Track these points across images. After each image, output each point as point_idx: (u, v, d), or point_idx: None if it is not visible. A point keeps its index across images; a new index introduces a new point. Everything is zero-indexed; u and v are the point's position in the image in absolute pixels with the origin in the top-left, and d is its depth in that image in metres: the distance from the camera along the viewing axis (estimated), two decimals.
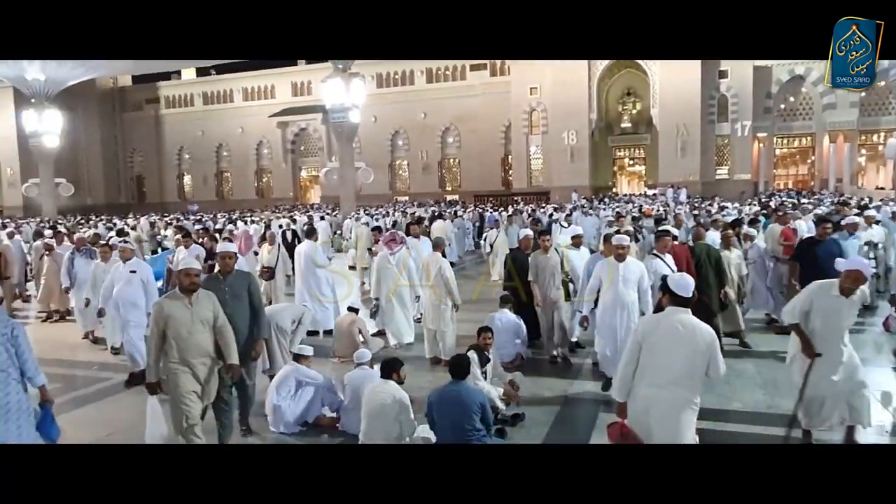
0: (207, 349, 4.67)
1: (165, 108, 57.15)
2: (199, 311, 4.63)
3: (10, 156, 50.42)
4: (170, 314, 4.56)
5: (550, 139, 42.72)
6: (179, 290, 4.67)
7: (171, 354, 4.59)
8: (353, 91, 28.10)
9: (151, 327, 4.64)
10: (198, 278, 4.71)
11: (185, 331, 4.56)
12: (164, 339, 4.57)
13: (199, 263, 4.71)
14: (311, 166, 53.72)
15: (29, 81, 33.32)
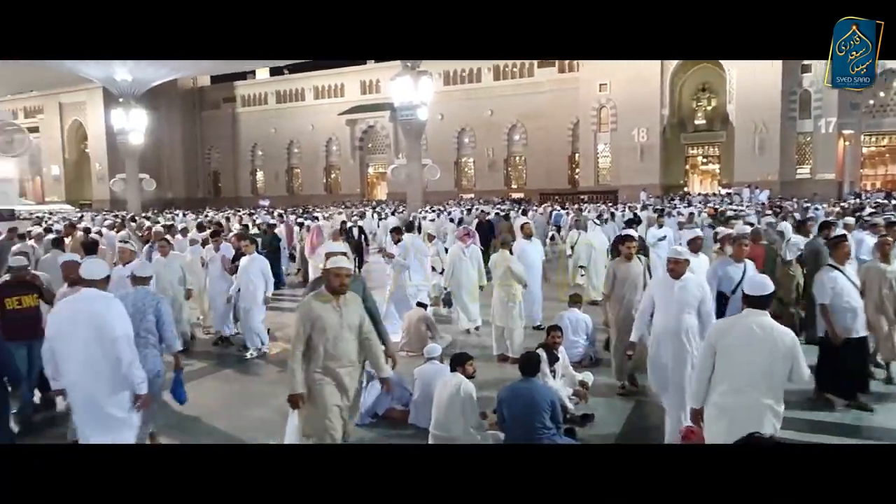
0: (354, 357, 4.28)
1: (241, 106, 59.30)
2: (347, 316, 4.22)
3: (99, 152, 53.66)
4: (318, 316, 4.13)
5: (619, 136, 41.80)
6: (327, 290, 4.22)
7: (315, 362, 4.16)
8: (421, 89, 28.36)
9: (296, 330, 4.17)
10: (348, 278, 4.22)
11: (334, 336, 4.14)
12: (308, 344, 4.15)
13: (350, 262, 4.27)
14: (379, 163, 54.56)
15: (118, 82, 35.29)
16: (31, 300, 5.99)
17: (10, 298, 5.84)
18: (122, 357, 4.10)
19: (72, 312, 4.17)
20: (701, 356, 3.96)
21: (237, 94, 59.30)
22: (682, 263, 5.03)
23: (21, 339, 5.74)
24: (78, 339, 4.07)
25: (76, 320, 4.11)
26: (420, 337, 7.74)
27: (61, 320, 4.17)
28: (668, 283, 5.05)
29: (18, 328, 5.76)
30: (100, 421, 4.14)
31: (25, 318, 5.87)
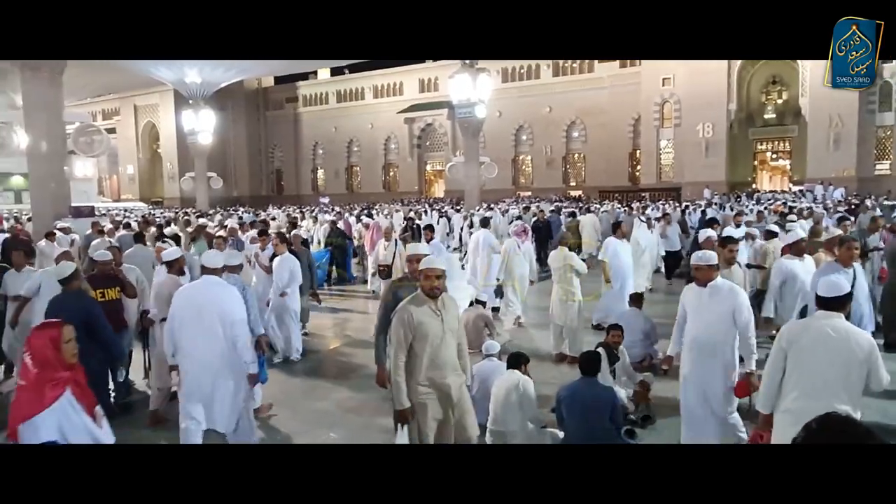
0: (456, 366, 3.99)
1: (303, 106, 60.74)
2: (448, 320, 3.93)
3: (170, 152, 56.02)
4: (419, 322, 3.83)
5: (683, 132, 40.58)
6: (424, 294, 3.90)
7: (417, 374, 3.87)
8: (479, 86, 28.32)
9: (396, 339, 3.85)
10: (439, 280, 3.90)
11: (436, 343, 3.86)
12: (409, 353, 3.87)
13: (443, 262, 4.02)
14: (436, 161, 54.84)
15: (188, 84, 36.74)
16: (114, 293, 6.17)
17: (94, 291, 6.00)
18: (238, 338, 4.55)
19: (195, 296, 4.64)
20: (770, 360, 3.81)
21: (299, 94, 60.74)
22: (703, 269, 4.54)
23: None
24: (200, 320, 4.51)
25: (199, 304, 4.57)
26: (478, 334, 7.75)
27: (185, 303, 4.62)
28: (696, 291, 4.64)
29: None
30: (206, 394, 4.58)
31: (108, 310, 5.99)
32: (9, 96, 33.40)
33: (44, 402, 3.11)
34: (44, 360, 3.15)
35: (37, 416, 3.08)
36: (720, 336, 4.47)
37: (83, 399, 3.32)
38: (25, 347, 3.26)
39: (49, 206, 18.72)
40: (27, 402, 3.13)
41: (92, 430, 3.34)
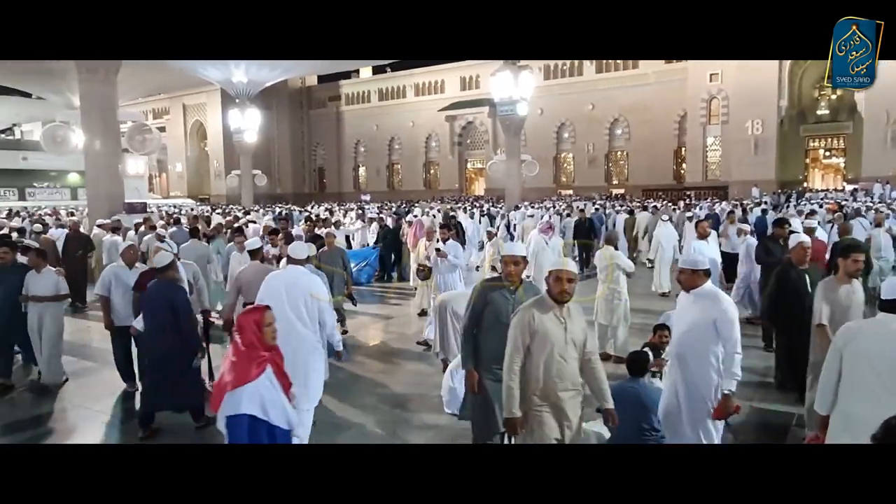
0: (578, 380, 3.65)
1: (345, 104, 61.44)
2: (573, 330, 3.59)
3: (217, 150, 57.41)
4: (540, 329, 3.52)
5: (731, 129, 39.57)
6: (550, 298, 3.58)
7: (532, 384, 3.56)
8: (521, 84, 28.17)
9: (513, 342, 3.58)
10: (571, 284, 3.55)
11: (557, 353, 3.53)
12: (525, 360, 3.56)
13: (574, 266, 3.67)
14: (477, 159, 54.79)
15: (234, 84, 37.53)
16: None
17: None
18: (326, 320, 4.98)
19: (285, 283, 4.99)
20: (827, 360, 3.70)
21: (342, 93, 61.46)
22: (686, 273, 4.17)
23: None
24: (289, 304, 4.84)
25: (286, 289, 4.90)
26: None
27: (275, 289, 4.93)
28: (683, 296, 4.27)
29: None
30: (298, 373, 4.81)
31: None
32: (66, 97, 34.75)
33: (248, 377, 3.45)
34: (250, 341, 3.52)
35: (240, 388, 3.42)
36: (698, 346, 4.05)
37: (281, 379, 3.63)
38: (235, 327, 3.63)
39: (104, 203, 19.39)
40: (233, 375, 3.48)
41: (286, 408, 3.62)
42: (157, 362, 5.43)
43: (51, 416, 6.11)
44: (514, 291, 4.04)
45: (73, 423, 6.03)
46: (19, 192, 40.30)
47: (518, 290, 4.04)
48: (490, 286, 4.18)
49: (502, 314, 3.95)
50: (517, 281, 4.05)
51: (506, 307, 3.97)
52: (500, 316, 3.97)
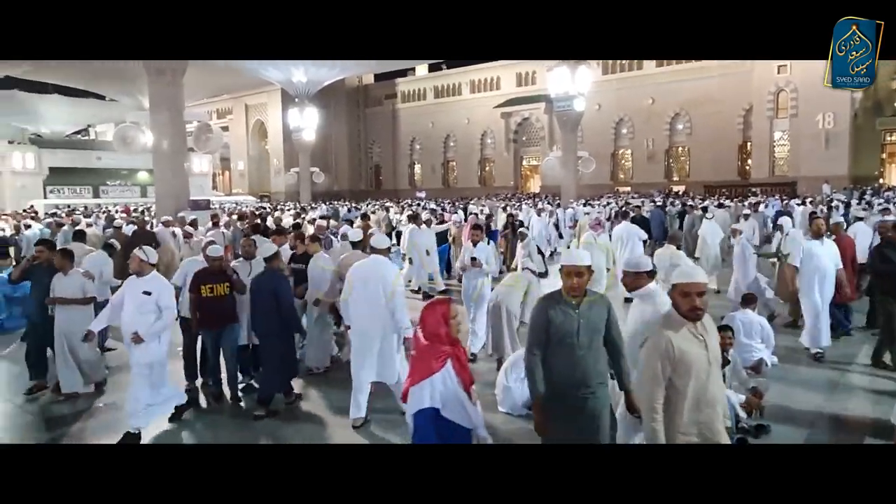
0: (725, 405, 3.37)
1: (401, 102, 61.94)
2: (713, 347, 3.12)
3: (277, 149, 58.84)
4: (682, 351, 3.02)
5: (800, 123, 37.81)
6: (680, 314, 3.08)
7: (678, 417, 3.07)
8: (578, 79, 27.75)
9: (652, 373, 3.07)
10: (701, 298, 3.07)
11: (703, 377, 3.04)
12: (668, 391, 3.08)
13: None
14: (533, 156, 54.30)
15: (294, 84, 38.38)
16: (222, 289, 6.17)
17: (204, 286, 6.12)
18: (397, 307, 5.39)
19: (365, 271, 5.52)
20: None
21: (398, 91, 61.97)
22: (629, 276, 4.26)
23: (210, 325, 6.20)
24: (369, 291, 5.39)
25: (367, 277, 5.45)
26: None
27: (361, 275, 5.49)
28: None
29: (208, 315, 6.16)
30: (372, 351, 5.48)
31: (215, 306, 6.12)
32: (137, 99, 36.32)
33: (430, 371, 3.52)
34: (434, 334, 3.58)
35: (423, 382, 3.50)
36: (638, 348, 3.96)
37: (462, 374, 3.64)
38: (419, 322, 3.70)
39: (170, 200, 20.18)
40: (417, 369, 3.57)
41: (465, 404, 3.62)
42: (267, 347, 6.02)
43: (114, 406, 6.31)
44: (577, 306, 3.50)
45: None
46: (94, 190, 42.35)
47: (582, 304, 3.51)
48: (549, 302, 3.60)
49: (566, 334, 3.47)
50: (581, 295, 3.52)
51: (570, 325, 3.47)
52: (564, 336, 3.48)
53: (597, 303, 3.58)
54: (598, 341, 3.53)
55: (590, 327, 3.49)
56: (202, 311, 6.15)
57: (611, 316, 3.59)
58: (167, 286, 5.60)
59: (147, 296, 5.35)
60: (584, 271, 3.50)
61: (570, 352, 3.45)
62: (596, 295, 3.61)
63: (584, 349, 3.47)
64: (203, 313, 6.16)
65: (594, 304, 3.56)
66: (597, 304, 3.56)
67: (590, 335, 3.49)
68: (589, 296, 3.55)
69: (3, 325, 9.41)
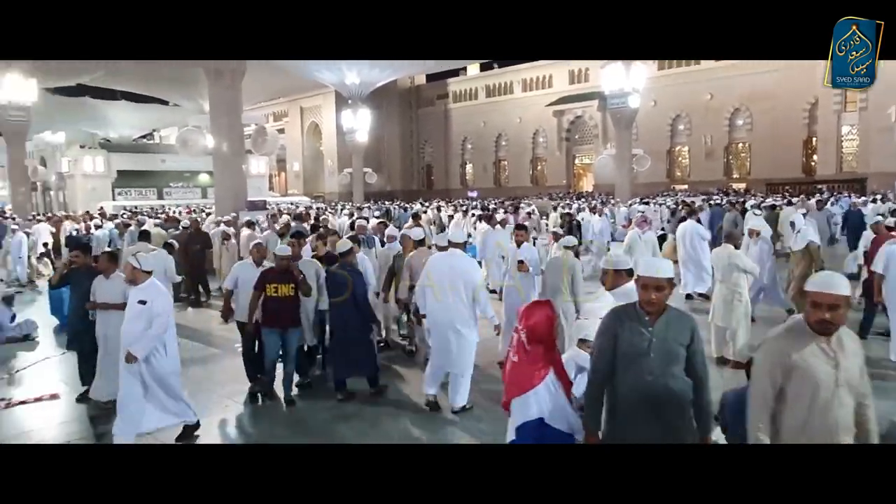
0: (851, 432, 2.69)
1: (453, 102, 62.13)
2: (847, 367, 2.64)
3: (331, 150, 59.94)
4: (802, 364, 2.65)
5: (871, 116, 35.94)
6: (809, 327, 2.66)
7: (786, 434, 2.73)
8: (633, 75, 27.21)
9: (759, 389, 2.77)
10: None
11: (826, 397, 2.63)
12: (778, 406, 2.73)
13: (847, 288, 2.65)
14: (585, 154, 53.58)
15: (347, 85, 39.00)
16: (287, 290, 6.09)
17: (269, 285, 6.07)
18: (480, 297, 5.70)
19: (446, 264, 5.78)
20: None
21: (449, 91, 62.19)
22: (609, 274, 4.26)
23: (274, 325, 6.11)
24: (449, 282, 5.64)
25: (448, 270, 5.70)
26: None
27: (440, 269, 5.75)
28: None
29: (272, 315, 6.09)
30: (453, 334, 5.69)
31: (279, 306, 6.06)
32: (198, 103, 37.67)
33: (533, 381, 3.35)
34: (539, 338, 3.39)
35: (529, 392, 3.33)
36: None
37: (562, 380, 3.46)
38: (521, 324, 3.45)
39: (229, 201, 20.80)
40: (520, 378, 3.35)
41: (568, 413, 3.43)
42: (342, 336, 6.22)
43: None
44: (652, 323, 2.97)
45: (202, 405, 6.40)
46: (158, 192, 44.16)
47: (658, 322, 2.98)
48: (618, 317, 3.09)
49: (635, 354, 2.98)
50: (658, 312, 2.98)
51: (641, 345, 2.96)
52: (633, 359, 2.98)
53: (677, 321, 3.01)
54: (676, 368, 2.96)
55: (664, 349, 2.95)
56: (266, 310, 6.13)
57: (695, 340, 3.00)
58: (162, 293, 5.24)
59: (142, 305, 5.03)
60: (665, 285, 2.98)
61: (638, 376, 2.96)
62: (677, 312, 3.05)
63: (654, 374, 2.93)
64: (267, 313, 6.13)
65: (673, 322, 3.00)
66: (677, 324, 2.99)
67: (664, 358, 2.95)
68: (669, 313, 3.01)
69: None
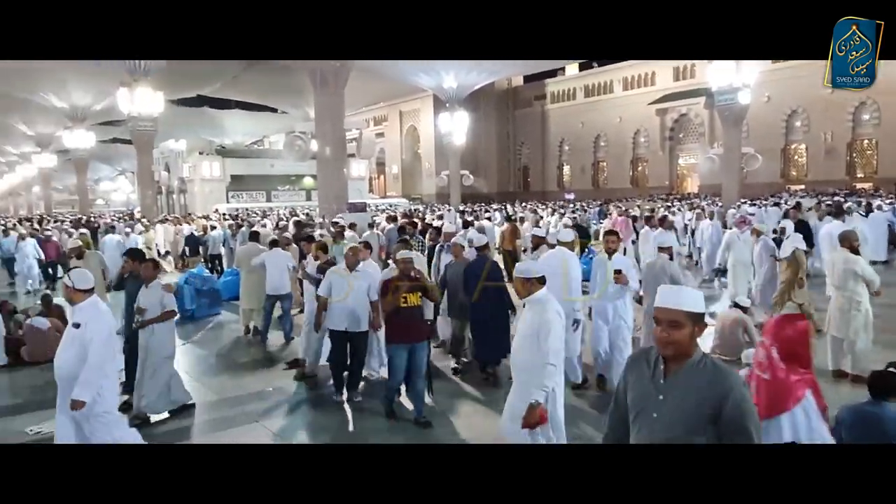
0: None
1: (550, 103, 61.42)
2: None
3: (428, 152, 60.97)
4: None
5: None
6: None
7: None
8: (744, 70, 25.75)
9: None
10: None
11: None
12: None
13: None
14: (690, 154, 51.29)
15: (445, 89, 39.51)
16: (415, 299, 5.47)
17: (396, 295, 5.42)
18: (575, 289, 6.17)
19: (559, 261, 6.17)
20: None
21: (547, 92, 61.52)
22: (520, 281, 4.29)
23: (403, 340, 5.44)
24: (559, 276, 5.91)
25: (556, 265, 6.03)
26: (735, 341, 7.09)
27: (553, 266, 5.91)
28: None
29: (401, 329, 5.43)
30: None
31: (409, 318, 5.43)
32: (304, 110, 39.53)
33: (787, 403, 3.01)
34: (793, 354, 3.07)
35: (782, 416, 3.03)
36: (524, 355, 4.14)
37: (820, 402, 3.18)
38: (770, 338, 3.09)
39: (332, 203, 21.69)
40: (772, 398, 2.98)
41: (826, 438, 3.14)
42: (483, 323, 6.63)
43: (281, 390, 6.88)
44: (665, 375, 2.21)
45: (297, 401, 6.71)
46: (266, 195, 46.81)
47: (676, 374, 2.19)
48: (635, 361, 2.41)
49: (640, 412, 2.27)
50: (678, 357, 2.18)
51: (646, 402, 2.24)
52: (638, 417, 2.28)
53: (703, 376, 2.14)
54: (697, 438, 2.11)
55: (679, 410, 2.15)
56: (392, 323, 5.48)
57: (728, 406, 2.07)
58: (101, 315, 4.30)
59: (76, 329, 4.25)
60: (683, 321, 2.13)
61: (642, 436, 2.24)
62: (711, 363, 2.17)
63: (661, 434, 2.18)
64: (394, 326, 5.46)
65: (697, 376, 2.14)
66: (702, 379, 2.13)
67: (677, 425, 2.14)
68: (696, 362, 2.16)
69: (194, 314, 10.71)
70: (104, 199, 73.47)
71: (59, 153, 47.13)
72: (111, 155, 59.63)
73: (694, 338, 2.16)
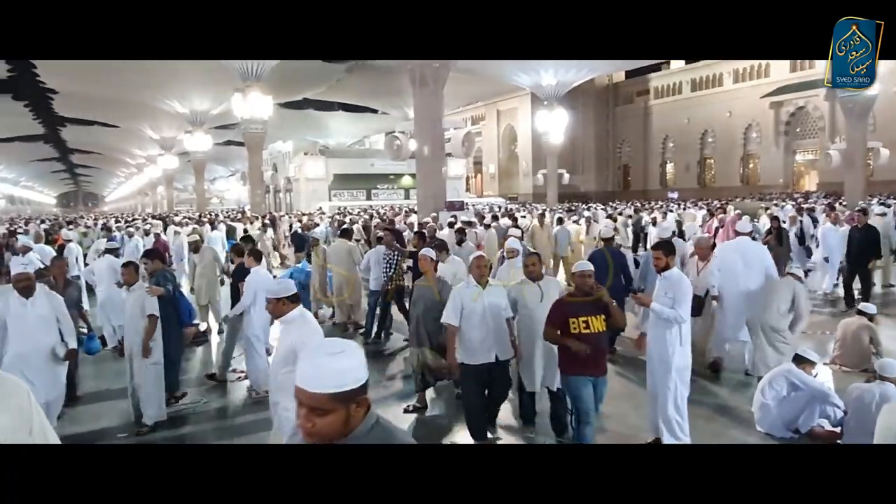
0: None
1: (653, 98, 59.22)
2: None
3: (525, 151, 60.58)
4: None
5: None
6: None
7: None
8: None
9: None
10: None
11: None
12: None
13: None
14: (808, 149, 47.86)
15: (543, 87, 39.06)
16: (599, 323, 4.39)
17: (576, 319, 4.36)
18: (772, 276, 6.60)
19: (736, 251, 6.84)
20: None
21: (650, 87, 59.39)
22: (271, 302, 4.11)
23: (586, 371, 4.44)
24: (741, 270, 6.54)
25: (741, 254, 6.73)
26: (860, 350, 6.54)
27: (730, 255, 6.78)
28: None
29: (584, 358, 4.34)
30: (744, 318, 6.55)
31: (594, 346, 4.35)
32: (403, 110, 40.44)
33: None
34: None
35: None
36: None
37: None
38: None
39: (430, 201, 22.03)
40: None
41: None
42: None
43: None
44: None
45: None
46: (367, 193, 48.37)
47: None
48: None
49: None
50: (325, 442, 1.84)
51: None
52: None
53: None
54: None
55: None
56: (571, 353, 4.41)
57: None
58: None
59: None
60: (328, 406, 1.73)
61: None
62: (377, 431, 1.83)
63: None
64: (573, 356, 4.39)
65: None
66: None
67: None
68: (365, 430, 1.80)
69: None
70: (219, 197, 78.48)
71: (180, 155, 50.83)
72: (225, 156, 63.65)
73: (350, 420, 1.73)
